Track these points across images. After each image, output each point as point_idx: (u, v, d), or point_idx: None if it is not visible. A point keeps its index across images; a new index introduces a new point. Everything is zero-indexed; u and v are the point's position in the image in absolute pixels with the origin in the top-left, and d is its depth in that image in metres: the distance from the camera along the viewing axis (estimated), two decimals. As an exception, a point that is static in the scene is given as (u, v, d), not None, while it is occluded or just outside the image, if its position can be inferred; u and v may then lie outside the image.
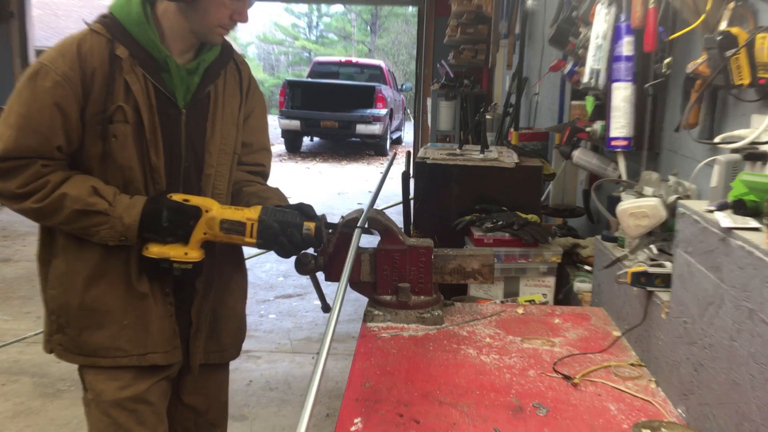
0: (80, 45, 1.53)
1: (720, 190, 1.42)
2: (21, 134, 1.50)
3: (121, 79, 1.54)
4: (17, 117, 1.51)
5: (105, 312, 1.63)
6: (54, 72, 1.50)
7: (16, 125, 1.51)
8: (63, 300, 1.63)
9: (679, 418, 1.37)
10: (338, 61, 17.52)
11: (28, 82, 1.51)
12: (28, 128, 1.51)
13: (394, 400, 1.38)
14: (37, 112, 1.51)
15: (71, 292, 1.62)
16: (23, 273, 5.31)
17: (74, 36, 1.55)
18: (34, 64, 1.53)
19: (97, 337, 1.63)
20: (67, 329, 1.64)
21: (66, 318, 1.63)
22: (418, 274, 1.81)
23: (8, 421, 3.10)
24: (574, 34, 2.54)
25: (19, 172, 1.52)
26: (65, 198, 1.54)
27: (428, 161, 2.71)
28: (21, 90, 1.52)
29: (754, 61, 1.43)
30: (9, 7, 9.85)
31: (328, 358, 1.23)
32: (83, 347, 1.64)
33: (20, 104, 1.51)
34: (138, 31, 1.56)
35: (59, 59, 1.51)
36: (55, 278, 1.64)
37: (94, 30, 1.56)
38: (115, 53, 1.54)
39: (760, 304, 1.09)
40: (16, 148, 1.51)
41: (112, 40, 1.54)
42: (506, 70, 5.95)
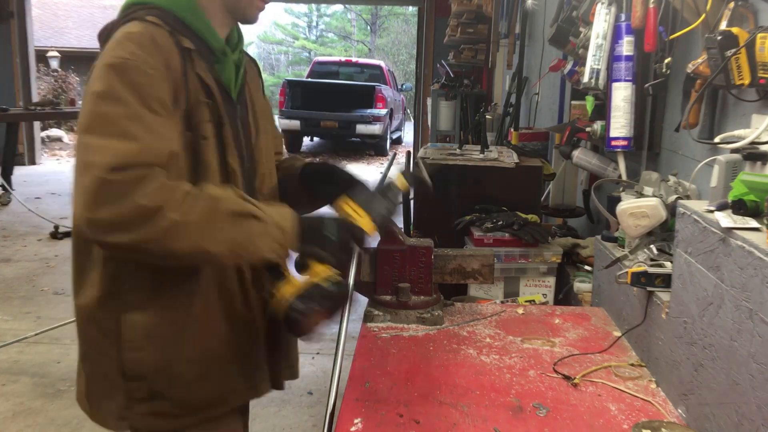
0: (153, 37, 1.24)
1: (720, 190, 1.42)
2: (144, 139, 1.16)
3: (193, 73, 1.29)
4: (127, 121, 1.15)
5: (216, 355, 1.36)
6: (143, 65, 1.20)
7: (130, 130, 1.15)
8: (158, 360, 1.29)
9: (679, 418, 1.37)
10: (338, 61, 17.53)
11: (115, 80, 1.18)
12: (147, 131, 1.17)
13: (394, 400, 1.38)
14: (148, 113, 1.18)
15: (171, 348, 1.30)
16: (23, 273, 5.31)
17: (134, 28, 1.25)
18: (112, 61, 1.19)
19: (209, 386, 1.36)
20: (169, 392, 1.32)
21: (166, 380, 1.31)
22: (418, 274, 1.81)
23: (8, 421, 3.10)
24: (574, 33, 2.54)
25: (140, 180, 1.13)
26: (218, 200, 1.19)
27: (428, 161, 2.71)
28: (109, 90, 1.17)
29: (755, 60, 1.43)
30: (9, 7, 9.86)
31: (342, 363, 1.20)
32: (191, 405, 1.35)
33: (121, 106, 1.16)
34: (193, 19, 1.32)
35: (139, 52, 1.21)
36: (139, 337, 1.28)
37: (152, 21, 1.27)
38: (182, 45, 1.28)
39: (760, 304, 1.09)
40: (140, 156, 1.14)
41: (172, 32, 1.28)
42: (506, 70, 5.95)
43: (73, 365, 1.58)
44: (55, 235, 6.31)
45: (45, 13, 18.69)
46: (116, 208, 1.10)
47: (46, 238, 6.31)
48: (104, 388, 1.32)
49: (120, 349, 1.28)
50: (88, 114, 1.17)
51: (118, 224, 1.10)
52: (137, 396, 1.30)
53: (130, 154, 1.13)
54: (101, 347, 1.30)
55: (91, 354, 1.33)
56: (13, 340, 3.87)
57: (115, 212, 1.10)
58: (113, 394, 1.31)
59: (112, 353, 1.29)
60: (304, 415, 3.21)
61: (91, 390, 1.35)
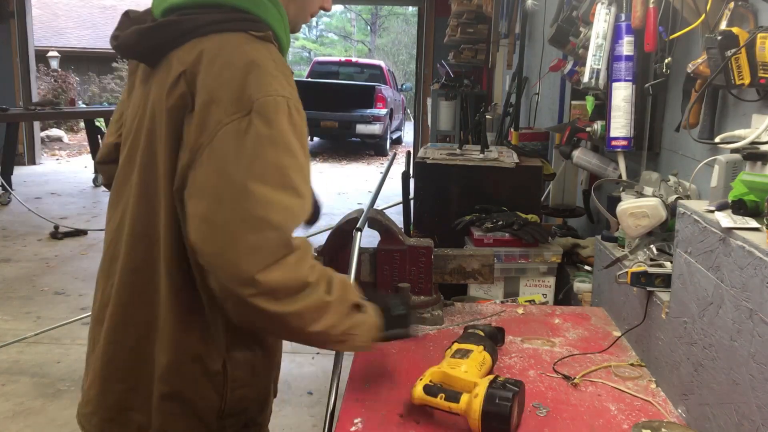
0: (287, 66, 1.15)
1: (720, 190, 1.42)
2: (306, 196, 1.08)
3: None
4: (295, 173, 1.06)
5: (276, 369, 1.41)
6: (297, 103, 1.11)
7: (298, 185, 1.06)
8: (259, 392, 1.29)
9: (679, 418, 1.37)
10: (338, 60, 17.53)
11: (285, 123, 1.07)
12: (307, 186, 1.08)
13: (394, 400, 1.38)
14: (306, 162, 1.09)
15: (266, 377, 1.31)
16: (23, 273, 5.31)
17: (267, 52, 1.13)
18: (274, 98, 1.07)
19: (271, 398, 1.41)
20: (259, 417, 1.33)
21: (259, 408, 1.32)
22: (418, 274, 1.81)
23: (8, 421, 3.10)
24: (574, 33, 2.54)
25: (306, 252, 1.08)
26: (347, 287, 1.16)
27: (428, 161, 2.71)
28: (279, 136, 1.06)
29: (755, 60, 1.43)
30: (9, 7, 9.86)
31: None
32: (265, 421, 1.40)
33: (290, 155, 1.06)
34: (285, 38, 1.23)
35: (291, 88, 1.11)
36: (245, 374, 1.24)
37: (269, 41, 1.16)
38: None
39: (760, 304, 1.09)
40: (304, 215, 1.08)
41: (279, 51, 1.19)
42: (506, 70, 5.95)
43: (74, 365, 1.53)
44: (55, 235, 6.31)
45: (45, 13, 18.69)
46: (288, 275, 1.03)
47: (46, 238, 6.31)
48: (191, 428, 1.22)
49: (225, 390, 1.21)
50: (257, 156, 1.04)
51: (284, 293, 1.03)
52: (231, 430, 1.26)
53: (301, 214, 1.06)
54: (203, 388, 1.20)
55: (186, 395, 1.20)
56: (13, 340, 3.86)
57: (286, 279, 1.02)
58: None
59: (213, 395, 1.21)
60: (304, 415, 3.21)
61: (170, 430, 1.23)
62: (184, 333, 1.18)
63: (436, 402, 1.26)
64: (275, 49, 1.15)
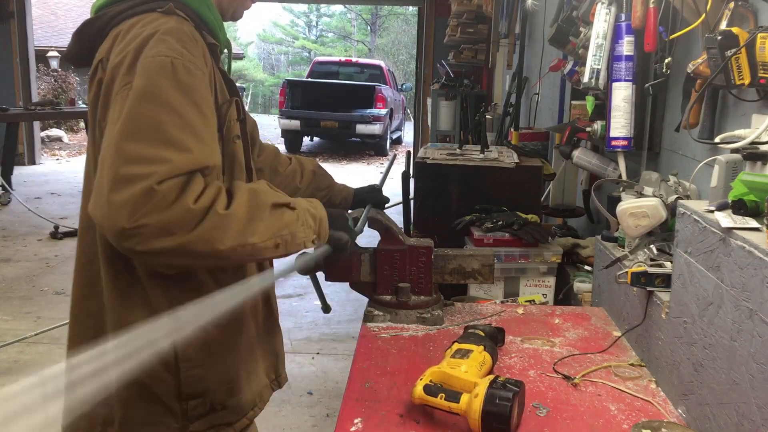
0: (191, 32, 1.16)
1: (720, 190, 1.42)
2: (193, 149, 1.08)
3: (216, 70, 1.23)
4: (175, 127, 1.07)
5: (255, 354, 1.38)
6: (190, 63, 1.12)
7: (178, 138, 1.07)
8: (220, 372, 1.28)
9: (679, 418, 1.37)
10: (338, 60, 17.54)
11: (163, 79, 1.08)
12: (195, 140, 1.09)
13: (394, 400, 1.38)
14: (197, 117, 1.11)
15: (228, 357, 1.29)
16: (23, 273, 5.31)
17: (165, 21, 1.15)
18: (154, 58, 1.09)
19: (254, 385, 1.38)
20: (228, 400, 1.30)
21: (226, 390, 1.29)
22: (418, 274, 1.81)
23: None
24: (574, 33, 2.54)
25: (185, 187, 1.06)
26: (257, 193, 1.17)
27: (428, 161, 2.71)
28: (155, 91, 1.08)
29: (755, 60, 1.43)
30: (9, 7, 9.86)
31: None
32: (243, 408, 1.34)
33: (168, 110, 1.07)
34: (210, 16, 1.26)
35: (183, 50, 1.12)
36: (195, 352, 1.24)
37: (180, 15, 1.18)
38: (207, 41, 1.21)
39: (760, 304, 1.09)
40: (187, 165, 1.07)
41: (197, 28, 1.21)
42: (506, 70, 5.95)
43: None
44: (55, 235, 6.31)
45: (45, 13, 18.69)
46: (165, 215, 1.03)
47: (46, 238, 6.31)
48: (153, 415, 1.23)
49: (178, 370, 1.22)
50: (129, 116, 1.06)
51: (166, 229, 1.04)
52: (196, 413, 1.25)
53: (179, 166, 1.05)
54: (155, 371, 1.20)
55: (141, 380, 1.20)
56: (13, 340, 3.86)
57: (164, 218, 1.03)
58: (165, 418, 1.23)
59: (167, 376, 1.22)
60: (304, 415, 3.21)
61: (132, 418, 1.24)
62: (127, 315, 1.19)
63: (436, 402, 1.26)
64: (180, 19, 1.17)
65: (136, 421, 1.24)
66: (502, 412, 1.20)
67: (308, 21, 33.73)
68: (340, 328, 4.29)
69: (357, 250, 1.70)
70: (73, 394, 0.96)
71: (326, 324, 4.33)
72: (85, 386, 0.94)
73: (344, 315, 4.50)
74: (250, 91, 28.60)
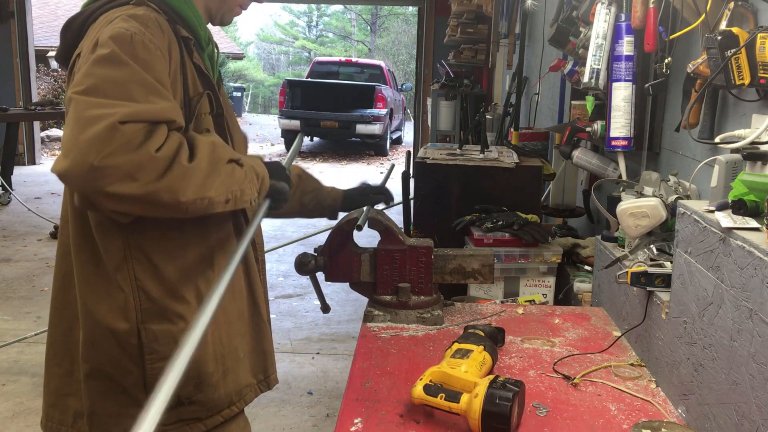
0: (157, 20, 1.21)
1: (720, 190, 1.42)
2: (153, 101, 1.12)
3: (191, 64, 1.28)
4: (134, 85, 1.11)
5: (234, 352, 1.37)
6: (148, 41, 1.16)
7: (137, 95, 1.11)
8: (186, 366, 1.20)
9: (679, 418, 1.37)
10: (338, 60, 17.53)
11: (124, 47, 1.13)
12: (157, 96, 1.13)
13: (394, 400, 1.38)
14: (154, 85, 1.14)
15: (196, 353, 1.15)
16: (23, 273, 5.31)
17: (138, 10, 1.21)
18: (117, 32, 1.14)
19: (231, 383, 1.36)
20: (196, 395, 1.29)
21: (194, 384, 1.28)
22: (418, 274, 1.81)
23: (8, 421, 3.10)
24: (574, 33, 2.54)
25: (150, 133, 1.09)
26: (215, 147, 1.20)
27: (428, 161, 2.71)
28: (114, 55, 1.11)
29: (755, 60, 1.43)
30: (9, 7, 9.86)
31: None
32: (216, 405, 1.33)
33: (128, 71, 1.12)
34: (188, 11, 1.30)
35: (144, 30, 1.17)
36: (160, 344, 1.25)
37: (152, 7, 1.23)
38: (180, 34, 1.27)
39: (760, 304, 1.09)
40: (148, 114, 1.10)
41: (170, 21, 1.26)
42: (506, 70, 5.95)
43: None
44: (55, 235, 6.31)
45: (45, 13, 18.70)
46: (131, 156, 1.05)
47: (46, 238, 6.31)
48: (120, 405, 1.25)
49: (144, 362, 1.23)
50: (89, 75, 1.10)
51: (132, 173, 1.06)
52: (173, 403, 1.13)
53: (141, 112, 1.09)
54: (120, 363, 1.23)
55: (106, 371, 1.24)
56: (13, 340, 3.86)
57: (130, 160, 1.05)
58: (131, 410, 1.24)
59: (132, 367, 1.24)
60: (304, 415, 3.21)
61: (99, 410, 1.26)
62: (93, 305, 1.22)
63: (436, 402, 1.26)
64: (149, 8, 1.22)
65: (104, 412, 1.25)
66: (502, 412, 1.20)
67: (308, 21, 33.73)
68: (340, 328, 4.29)
69: (357, 250, 1.78)
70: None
71: (326, 324, 4.33)
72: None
73: (344, 315, 4.50)
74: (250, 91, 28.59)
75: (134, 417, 1.12)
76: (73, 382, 1.27)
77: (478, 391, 1.23)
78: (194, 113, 1.27)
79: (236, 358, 1.37)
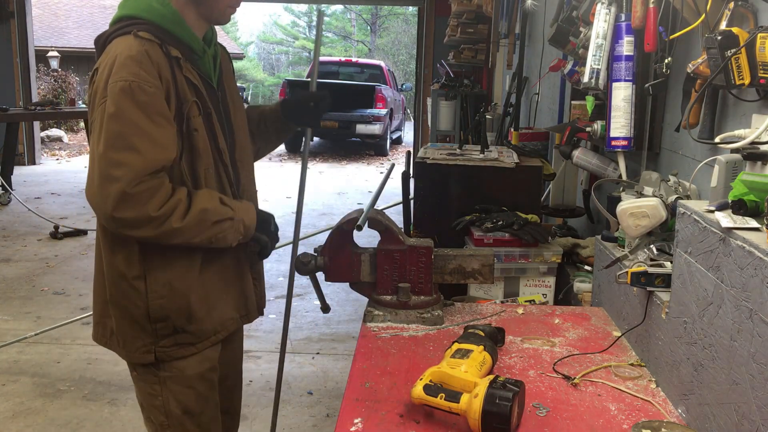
0: (148, 54, 1.53)
1: (720, 190, 1.42)
2: (148, 153, 1.50)
3: (182, 77, 1.59)
4: (135, 137, 1.49)
5: (218, 293, 1.74)
6: (145, 84, 1.51)
7: (138, 145, 1.49)
8: (178, 304, 1.65)
9: (679, 418, 1.37)
10: (338, 60, 17.51)
11: (125, 101, 1.49)
12: (151, 144, 1.51)
13: (394, 400, 1.38)
14: (151, 127, 1.51)
15: (186, 293, 1.66)
16: (23, 273, 5.31)
17: (131, 46, 1.54)
18: (118, 83, 1.50)
19: (216, 317, 1.73)
20: (188, 326, 1.68)
21: (185, 318, 1.67)
22: (418, 274, 1.81)
23: (8, 421, 3.10)
24: (574, 33, 2.54)
25: (154, 193, 1.51)
26: (206, 212, 1.58)
27: (428, 161, 2.71)
28: (120, 111, 1.49)
29: (755, 60, 1.43)
30: (9, 7, 9.86)
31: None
32: (204, 333, 1.71)
33: (130, 124, 1.49)
34: (178, 30, 1.61)
35: (140, 71, 1.51)
36: (160, 288, 1.64)
37: (144, 37, 1.56)
38: (171, 55, 1.58)
39: (760, 304, 1.09)
40: (147, 167, 1.49)
41: (161, 44, 1.57)
42: (506, 70, 5.95)
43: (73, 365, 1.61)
44: (55, 235, 6.31)
45: (45, 13, 18.70)
46: (135, 213, 1.51)
47: (46, 238, 6.31)
48: (133, 330, 1.67)
49: (147, 300, 1.64)
50: (105, 132, 1.50)
51: (136, 225, 1.53)
52: (163, 333, 1.66)
53: (142, 170, 1.49)
54: (131, 298, 1.64)
55: (122, 303, 1.66)
56: (13, 340, 3.87)
57: (134, 216, 1.51)
58: (141, 334, 1.66)
59: (140, 303, 1.64)
60: (304, 415, 3.21)
61: (121, 331, 1.69)
62: (111, 257, 1.65)
63: (436, 402, 1.26)
64: (142, 42, 1.55)
65: (124, 333, 1.69)
66: (502, 412, 1.20)
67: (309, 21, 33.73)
68: (340, 328, 4.29)
69: (357, 250, 1.85)
70: None
71: (326, 324, 4.33)
72: None
73: (344, 315, 4.50)
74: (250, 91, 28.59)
75: (143, 339, 1.67)
76: (107, 308, 1.70)
77: (478, 391, 1.23)
78: (185, 116, 1.60)
79: (220, 298, 1.74)
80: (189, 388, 1.72)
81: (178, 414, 1.72)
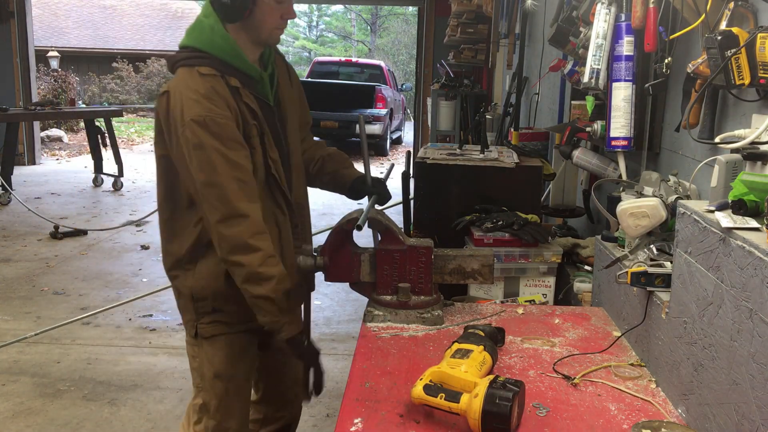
0: (215, 89, 1.70)
1: (720, 190, 1.42)
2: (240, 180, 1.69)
3: (242, 104, 1.75)
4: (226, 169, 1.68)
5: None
6: (217, 116, 1.68)
7: (232, 175, 1.68)
8: (217, 288, 1.84)
9: (679, 418, 1.37)
10: (338, 60, 17.51)
11: (205, 135, 1.66)
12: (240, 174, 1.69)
13: (394, 400, 1.38)
14: (225, 152, 1.68)
15: (223, 280, 1.82)
16: (23, 273, 5.31)
17: (198, 84, 1.70)
18: (193, 121, 1.67)
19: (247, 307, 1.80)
20: (225, 307, 1.86)
21: (223, 300, 1.85)
22: (418, 274, 1.81)
23: (8, 421, 3.10)
24: (574, 33, 2.54)
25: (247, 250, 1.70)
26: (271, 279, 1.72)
27: (428, 161, 2.71)
28: (201, 144, 1.66)
29: (755, 60, 1.43)
30: (9, 7, 9.86)
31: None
32: (237, 318, 1.87)
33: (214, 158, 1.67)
34: (237, 62, 1.77)
35: (211, 106, 1.68)
36: (206, 274, 1.84)
37: (206, 73, 1.72)
38: (231, 85, 1.74)
39: (760, 304, 1.09)
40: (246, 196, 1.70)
41: (222, 76, 1.73)
42: (506, 70, 5.95)
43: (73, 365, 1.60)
44: (55, 235, 6.31)
45: (45, 13, 18.70)
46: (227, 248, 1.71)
47: (46, 238, 6.31)
48: (186, 303, 1.90)
49: (194, 282, 1.86)
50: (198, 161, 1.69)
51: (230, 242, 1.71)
52: (203, 311, 1.87)
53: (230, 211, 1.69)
54: (182, 278, 1.88)
55: (178, 280, 1.90)
56: (13, 340, 3.86)
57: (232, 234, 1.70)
58: (189, 308, 1.90)
59: (188, 283, 1.87)
60: (304, 415, 3.20)
61: (180, 305, 1.94)
62: (169, 245, 1.90)
63: (436, 402, 1.26)
64: (208, 78, 1.72)
65: (182, 306, 1.93)
66: (502, 412, 1.20)
67: (309, 21, 33.73)
68: (340, 328, 4.28)
69: (357, 250, 1.87)
70: None
71: (326, 324, 4.33)
72: None
73: (344, 315, 4.49)
74: (250, 91, 28.52)
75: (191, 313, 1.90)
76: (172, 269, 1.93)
77: (478, 391, 1.23)
78: (246, 136, 1.76)
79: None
80: (220, 351, 1.89)
81: (209, 377, 1.90)
